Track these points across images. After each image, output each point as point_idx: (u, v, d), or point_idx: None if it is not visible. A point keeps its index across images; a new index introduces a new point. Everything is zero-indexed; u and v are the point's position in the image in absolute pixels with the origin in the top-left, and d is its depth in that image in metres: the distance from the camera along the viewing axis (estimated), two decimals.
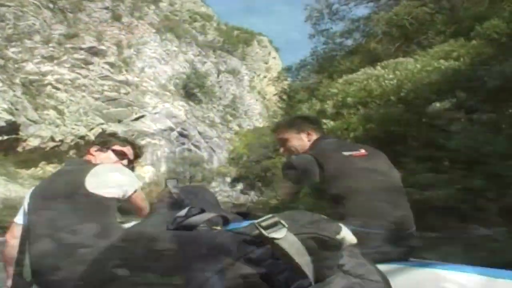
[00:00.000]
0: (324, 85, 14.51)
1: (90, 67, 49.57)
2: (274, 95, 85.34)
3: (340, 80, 13.20)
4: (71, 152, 38.99)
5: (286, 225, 0.81)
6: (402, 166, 8.39)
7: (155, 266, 0.87)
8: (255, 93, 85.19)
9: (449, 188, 7.82)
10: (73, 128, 40.38)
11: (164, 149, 51.54)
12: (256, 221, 0.81)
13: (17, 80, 38.64)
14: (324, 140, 2.46)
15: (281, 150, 2.72)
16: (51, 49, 46.08)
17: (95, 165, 2.29)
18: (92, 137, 41.23)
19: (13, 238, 2.33)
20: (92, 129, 42.56)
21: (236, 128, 67.11)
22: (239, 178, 40.80)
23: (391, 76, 10.80)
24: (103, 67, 51.22)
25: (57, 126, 38.91)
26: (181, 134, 54.84)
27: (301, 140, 2.59)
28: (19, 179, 31.81)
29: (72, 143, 39.26)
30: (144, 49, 63.64)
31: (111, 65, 52.81)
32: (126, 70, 55.29)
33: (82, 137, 40.18)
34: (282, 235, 0.78)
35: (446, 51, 10.88)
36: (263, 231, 0.79)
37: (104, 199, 2.12)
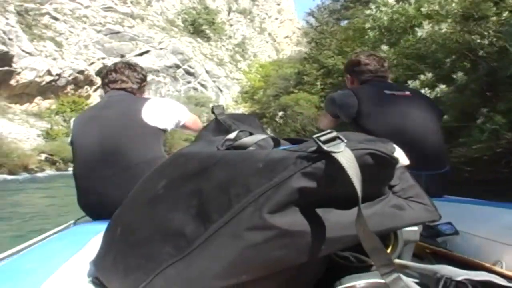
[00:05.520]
0: None
1: None
2: (285, 37, 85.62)
3: None
4: (69, 88, 37.66)
5: (345, 140, 0.81)
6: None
7: (208, 183, 0.89)
8: (266, 35, 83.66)
9: None
10: (72, 62, 38.69)
11: (168, 87, 50.03)
12: (315, 135, 0.82)
13: (11, 8, 36.42)
14: (370, 81, 2.53)
15: None
16: None
17: (148, 98, 2.40)
18: (92, 72, 40.04)
19: None
20: (92, 63, 41.24)
21: (246, 69, 65.15)
22: None
23: None
24: None
25: (55, 59, 37.10)
26: (187, 72, 53.10)
27: (347, 83, 2.73)
28: (9, 114, 30.38)
29: (70, 78, 37.69)
30: None
31: None
32: (132, 2, 53.40)
33: (81, 72, 38.76)
34: (341, 150, 0.79)
35: None
36: (322, 145, 0.79)
37: (157, 130, 2.24)
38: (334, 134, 0.82)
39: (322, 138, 0.81)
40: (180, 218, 0.90)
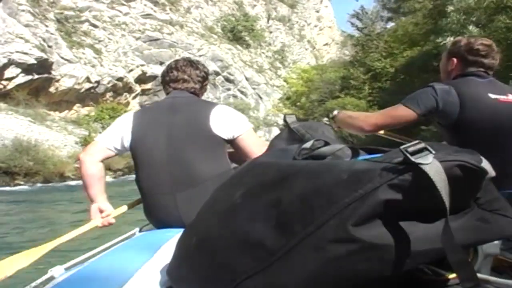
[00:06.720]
0: None
1: (132, 4, 47.49)
2: (325, 45, 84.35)
3: None
4: (108, 95, 37.36)
5: (433, 151, 0.80)
6: None
7: (289, 193, 0.87)
8: (305, 43, 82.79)
9: None
10: (110, 69, 38.42)
11: (208, 94, 48.65)
12: (402, 146, 0.81)
13: (51, 15, 36.50)
14: (472, 77, 2.15)
15: None
16: None
17: (214, 104, 2.31)
18: (131, 79, 39.78)
19: (88, 155, 2.25)
20: (131, 70, 40.92)
21: (287, 75, 64.27)
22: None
23: None
24: (145, 5, 49.09)
25: (94, 66, 36.91)
26: (227, 79, 52.36)
27: (446, 66, 2.33)
28: (47, 121, 30.00)
29: (109, 85, 37.41)
30: None
31: (155, 3, 50.68)
32: (171, 9, 53.30)
33: (120, 79, 38.46)
34: (429, 161, 0.77)
35: None
36: (410, 156, 0.78)
37: (222, 140, 2.20)
38: (422, 145, 0.80)
39: (410, 149, 0.79)
40: (259, 229, 0.88)
